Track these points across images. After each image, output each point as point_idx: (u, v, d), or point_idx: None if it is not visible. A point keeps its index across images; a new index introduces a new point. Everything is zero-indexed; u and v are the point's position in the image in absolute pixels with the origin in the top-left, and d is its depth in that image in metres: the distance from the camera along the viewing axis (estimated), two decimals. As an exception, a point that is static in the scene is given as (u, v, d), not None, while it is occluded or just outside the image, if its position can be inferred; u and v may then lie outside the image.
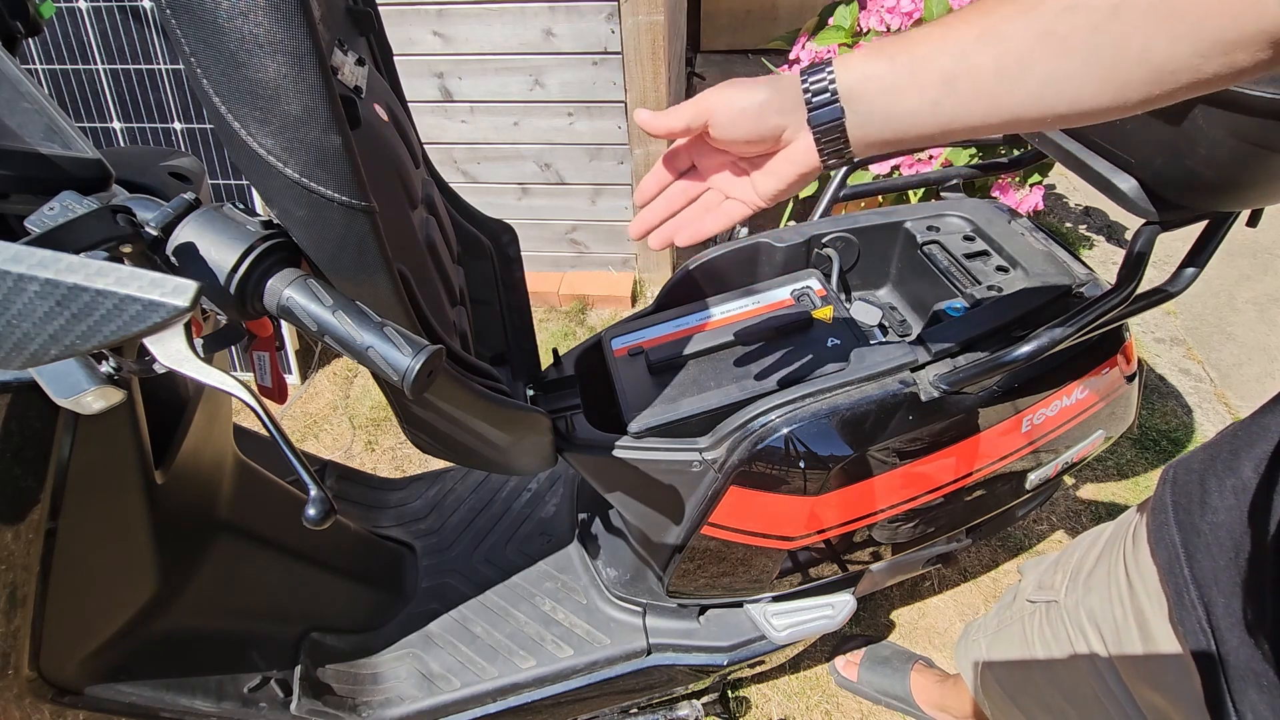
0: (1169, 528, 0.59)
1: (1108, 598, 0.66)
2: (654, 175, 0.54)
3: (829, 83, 0.44)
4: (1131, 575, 0.64)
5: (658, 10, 1.67)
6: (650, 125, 0.49)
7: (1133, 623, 0.63)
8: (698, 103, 0.48)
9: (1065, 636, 0.71)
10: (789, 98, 0.46)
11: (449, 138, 2.00)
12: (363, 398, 1.95)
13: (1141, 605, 0.62)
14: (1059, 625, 0.72)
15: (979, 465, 0.84)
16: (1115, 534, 0.70)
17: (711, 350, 0.85)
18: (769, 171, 0.50)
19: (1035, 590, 0.79)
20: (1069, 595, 0.72)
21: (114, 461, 0.59)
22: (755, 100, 0.46)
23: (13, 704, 0.58)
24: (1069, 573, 0.74)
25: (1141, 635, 0.62)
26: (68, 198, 0.44)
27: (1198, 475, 0.58)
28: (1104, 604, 0.67)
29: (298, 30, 0.37)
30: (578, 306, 2.20)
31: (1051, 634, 0.73)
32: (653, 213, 0.54)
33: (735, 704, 1.31)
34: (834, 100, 0.44)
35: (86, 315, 0.36)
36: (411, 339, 0.46)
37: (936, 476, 0.83)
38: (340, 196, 0.43)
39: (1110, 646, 0.66)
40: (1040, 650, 0.75)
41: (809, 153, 0.47)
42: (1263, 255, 2.27)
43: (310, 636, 0.91)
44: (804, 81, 0.45)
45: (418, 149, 0.81)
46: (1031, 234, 0.92)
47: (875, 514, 0.84)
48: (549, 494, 1.20)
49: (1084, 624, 0.69)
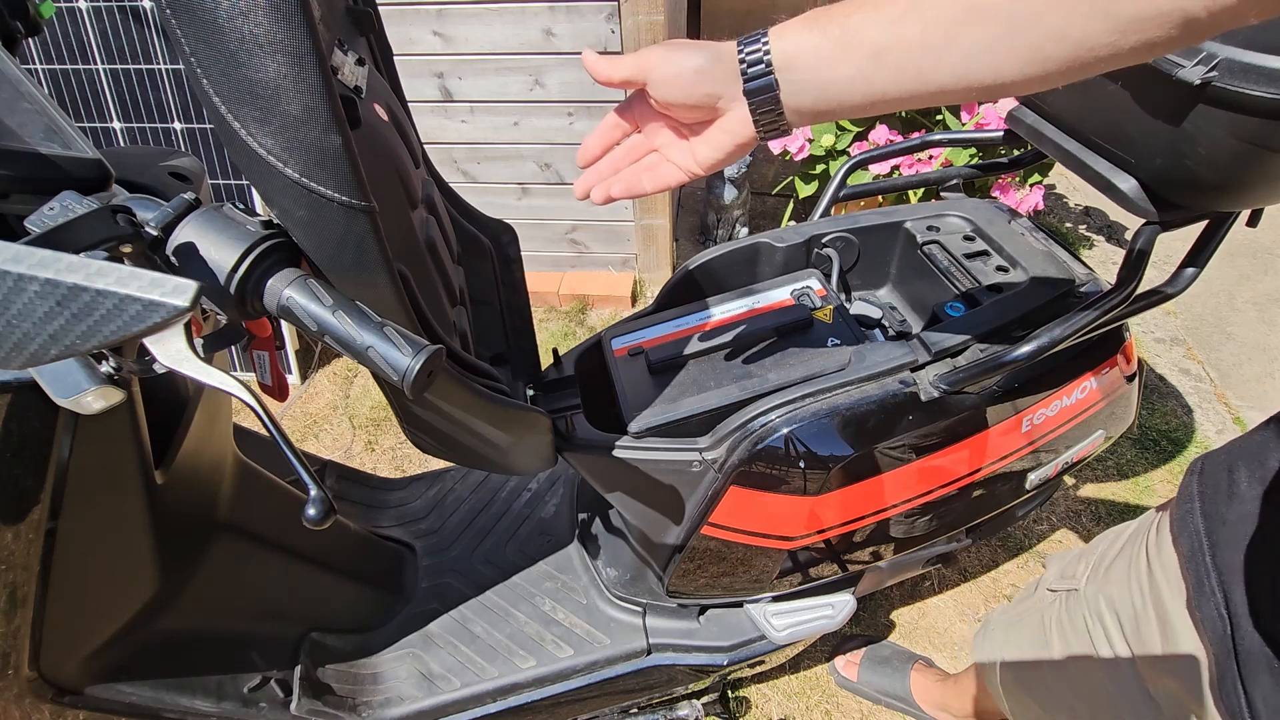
0: (1194, 516, 0.60)
1: (1127, 586, 0.67)
2: (597, 134, 0.53)
3: (764, 53, 0.44)
4: (1153, 564, 0.64)
5: (658, 10, 1.67)
6: (594, 70, 0.49)
7: (1151, 611, 0.64)
8: (639, 58, 0.47)
9: (1083, 625, 0.72)
10: (725, 67, 0.45)
11: (449, 138, 2.00)
12: (363, 398, 1.95)
13: (1161, 593, 0.63)
14: (1077, 614, 0.73)
15: (979, 465, 0.84)
16: (1140, 527, 0.71)
17: (711, 350, 0.85)
18: (707, 140, 0.49)
19: (1057, 580, 0.80)
20: (1090, 585, 0.73)
21: (114, 461, 0.59)
22: (691, 65, 0.46)
23: (13, 704, 0.58)
24: (1091, 564, 0.75)
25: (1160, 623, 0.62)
26: (68, 198, 0.44)
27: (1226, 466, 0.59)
28: (1123, 592, 0.67)
29: (298, 30, 0.37)
30: (578, 306, 2.20)
31: (1069, 622, 0.74)
32: (598, 171, 0.54)
33: (735, 704, 1.31)
34: (769, 71, 0.44)
35: (86, 315, 0.36)
36: (411, 339, 0.46)
37: (936, 476, 0.83)
38: (340, 196, 0.43)
39: (1128, 634, 0.66)
40: (1057, 639, 0.75)
41: (745, 123, 0.47)
42: (1263, 255, 2.27)
43: (310, 636, 0.91)
44: (740, 51, 0.45)
45: (418, 149, 0.81)
46: (1031, 234, 0.92)
47: (875, 514, 0.84)
48: (549, 494, 1.20)
49: (1102, 612, 0.70)
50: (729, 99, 0.46)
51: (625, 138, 0.54)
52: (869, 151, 1.07)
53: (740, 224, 2.29)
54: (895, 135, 1.79)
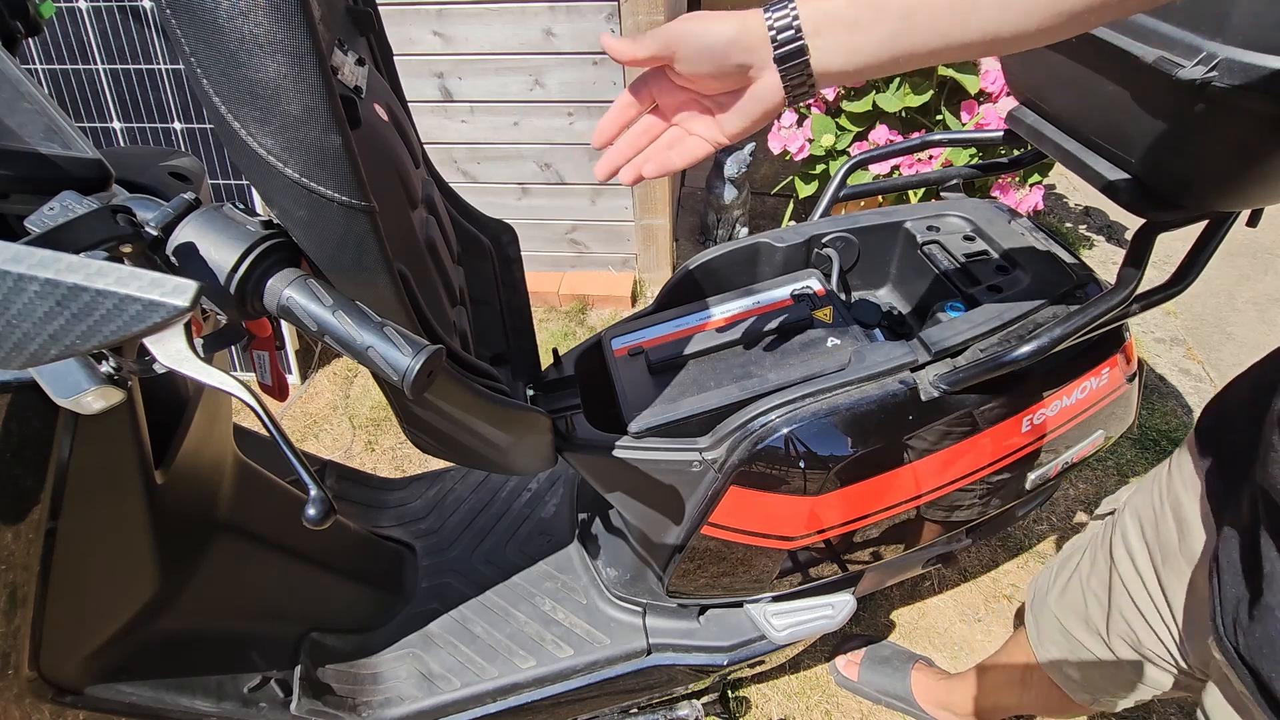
0: (1210, 415, 0.70)
1: (1150, 495, 0.76)
2: (613, 114, 0.53)
3: (793, 19, 0.45)
4: (1173, 469, 0.73)
5: (658, 10, 1.67)
6: (616, 51, 0.48)
7: (1169, 511, 0.71)
8: (664, 32, 0.47)
9: (1112, 538, 0.79)
10: (754, 35, 0.46)
11: (449, 138, 2.00)
12: (363, 398, 1.95)
13: (1179, 495, 0.70)
14: (1106, 530, 0.81)
15: (979, 465, 0.84)
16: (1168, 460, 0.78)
17: (711, 350, 0.85)
18: (735, 109, 0.50)
19: (1104, 505, 0.87)
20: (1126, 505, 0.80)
21: (114, 461, 0.59)
22: (722, 37, 0.46)
23: (13, 704, 0.58)
24: (1130, 489, 0.82)
25: (1175, 520, 0.70)
26: (68, 198, 0.44)
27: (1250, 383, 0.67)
28: (1145, 500, 0.76)
29: (298, 30, 0.37)
30: (578, 306, 2.20)
31: (1102, 541, 0.81)
32: (618, 152, 0.54)
33: (735, 704, 1.31)
34: (798, 37, 0.45)
35: (86, 315, 0.36)
36: (411, 339, 0.46)
37: (936, 476, 0.83)
38: (340, 196, 0.43)
39: (1148, 536, 0.74)
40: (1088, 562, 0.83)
41: (775, 89, 0.47)
42: (1263, 255, 2.27)
43: (310, 636, 0.91)
44: (767, 18, 0.45)
45: (418, 149, 0.81)
46: (1031, 234, 0.92)
47: (875, 514, 0.84)
48: (549, 494, 1.20)
49: (1127, 523, 0.78)
50: (759, 67, 0.47)
51: (640, 116, 0.54)
52: (869, 151, 1.07)
53: (740, 224, 2.29)
54: (895, 135, 1.79)
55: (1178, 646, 0.71)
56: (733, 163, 2.10)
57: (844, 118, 1.85)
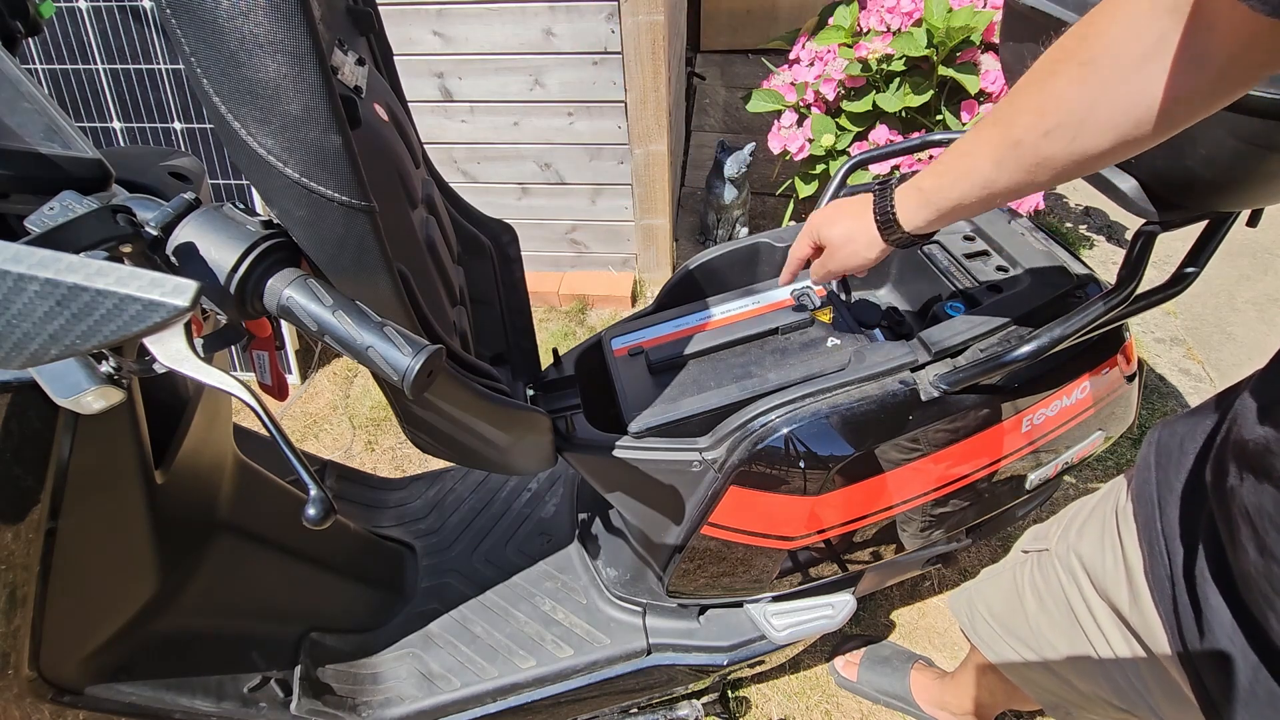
0: (1149, 486, 0.64)
1: (1100, 547, 0.71)
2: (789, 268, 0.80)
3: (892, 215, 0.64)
4: (1121, 530, 0.69)
5: (658, 10, 1.67)
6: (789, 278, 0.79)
7: (1123, 573, 0.67)
8: (811, 235, 0.73)
9: (1056, 581, 0.76)
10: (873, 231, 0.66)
11: (449, 138, 2.00)
12: (363, 398, 1.95)
13: (1129, 557, 0.67)
14: (1050, 571, 0.77)
15: (979, 465, 0.84)
16: (1109, 491, 0.74)
17: (711, 350, 0.85)
18: None
19: (1030, 541, 0.84)
20: (1060, 544, 0.77)
21: (114, 461, 0.59)
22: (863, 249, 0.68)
23: (13, 704, 0.58)
24: (1062, 525, 0.79)
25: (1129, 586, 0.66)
26: (68, 198, 0.44)
27: (1179, 437, 0.63)
28: (1095, 552, 0.71)
29: (298, 30, 0.37)
30: (578, 306, 2.20)
31: (1043, 579, 0.78)
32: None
33: (735, 704, 1.31)
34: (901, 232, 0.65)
35: (86, 315, 0.36)
36: (411, 339, 0.46)
37: (936, 476, 0.83)
38: (340, 196, 0.43)
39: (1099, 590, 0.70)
40: (1030, 594, 0.80)
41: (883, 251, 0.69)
42: (1263, 255, 2.27)
43: (310, 636, 0.91)
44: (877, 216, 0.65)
45: (418, 149, 0.81)
46: (1031, 234, 0.92)
47: (875, 514, 0.84)
48: (549, 494, 1.20)
49: (1075, 568, 0.74)
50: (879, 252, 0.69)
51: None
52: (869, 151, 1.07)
53: (740, 224, 2.29)
54: (895, 135, 1.79)
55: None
56: (733, 163, 2.10)
57: (844, 118, 1.85)
